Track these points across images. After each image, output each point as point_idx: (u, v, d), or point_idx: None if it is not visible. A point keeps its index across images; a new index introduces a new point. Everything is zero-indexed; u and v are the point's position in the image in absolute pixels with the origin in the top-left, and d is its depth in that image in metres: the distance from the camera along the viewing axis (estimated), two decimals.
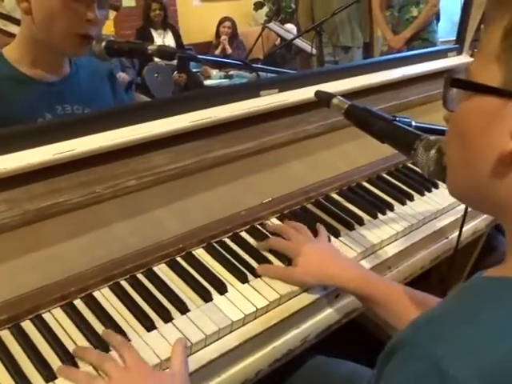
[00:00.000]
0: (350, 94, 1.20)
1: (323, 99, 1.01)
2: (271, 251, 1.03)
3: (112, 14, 1.28)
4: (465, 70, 0.58)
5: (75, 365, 0.77)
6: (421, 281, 1.26)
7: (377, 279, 0.95)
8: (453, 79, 0.59)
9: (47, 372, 0.75)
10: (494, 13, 0.56)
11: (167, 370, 0.80)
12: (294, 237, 1.02)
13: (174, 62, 4.15)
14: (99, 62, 1.31)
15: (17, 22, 1.33)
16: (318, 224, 1.09)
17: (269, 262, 1.00)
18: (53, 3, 1.14)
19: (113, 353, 0.79)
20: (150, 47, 1.18)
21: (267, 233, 1.07)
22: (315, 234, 1.06)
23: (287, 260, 1.00)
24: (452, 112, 0.61)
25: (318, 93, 1.03)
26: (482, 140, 0.55)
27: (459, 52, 1.64)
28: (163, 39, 5.22)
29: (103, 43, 1.19)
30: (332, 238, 1.09)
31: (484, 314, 0.50)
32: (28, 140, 0.87)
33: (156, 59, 4.32)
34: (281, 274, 0.97)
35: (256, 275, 0.97)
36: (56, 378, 0.75)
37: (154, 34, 5.22)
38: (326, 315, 0.99)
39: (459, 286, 0.58)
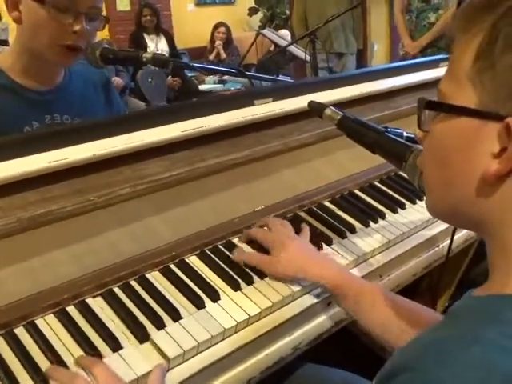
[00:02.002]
0: (343, 104, 1.21)
1: (316, 110, 1.02)
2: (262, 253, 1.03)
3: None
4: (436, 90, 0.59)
5: None
6: (410, 287, 1.27)
7: (356, 279, 0.96)
8: (427, 101, 0.59)
9: (40, 378, 0.75)
10: (462, 34, 0.57)
11: None
12: (280, 231, 1.03)
13: None
14: (95, 69, 1.31)
15: None
16: (303, 224, 1.10)
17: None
18: (40, 14, 1.14)
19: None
20: (144, 55, 1.18)
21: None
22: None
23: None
24: (427, 132, 0.61)
25: (311, 103, 1.04)
26: (463, 161, 0.56)
27: None
28: (156, 44, 5.24)
29: (98, 51, 1.20)
30: (324, 245, 1.09)
31: (485, 334, 0.50)
32: (21, 148, 0.87)
33: None
34: (264, 263, 0.98)
35: (249, 283, 0.97)
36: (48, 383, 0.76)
37: (147, 38, 5.24)
38: (318, 323, 0.99)
39: (454, 308, 0.59)
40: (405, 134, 0.95)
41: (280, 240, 1.00)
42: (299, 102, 1.15)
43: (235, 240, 1.07)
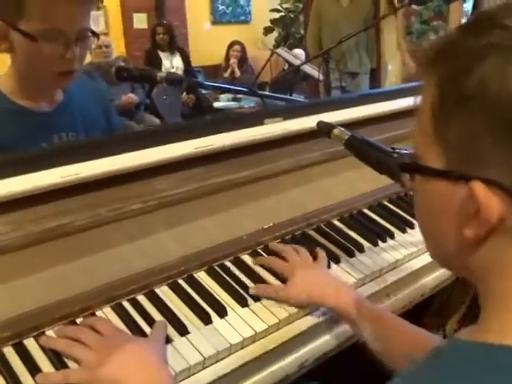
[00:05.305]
0: (354, 124, 1.22)
1: (324, 130, 1.03)
2: (271, 273, 1.04)
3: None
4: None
5: None
6: (421, 306, 1.26)
7: (370, 306, 0.95)
8: (401, 165, 0.59)
9: None
10: (423, 77, 0.54)
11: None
12: (292, 258, 1.05)
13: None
14: (91, 84, 1.32)
15: None
16: (318, 248, 1.11)
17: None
18: (30, 47, 1.11)
19: None
20: (158, 74, 1.21)
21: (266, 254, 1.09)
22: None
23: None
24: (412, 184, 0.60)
25: (319, 123, 1.05)
26: (443, 221, 0.54)
27: None
28: (171, 61, 5.29)
29: (113, 69, 1.22)
30: (332, 264, 1.10)
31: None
32: (34, 164, 0.89)
33: None
34: (274, 294, 0.99)
35: (256, 299, 0.98)
36: None
37: (162, 55, 5.29)
38: (324, 341, 1.00)
39: (442, 347, 0.56)
40: None
41: (291, 268, 1.01)
42: (309, 122, 1.16)
43: (244, 257, 1.08)
